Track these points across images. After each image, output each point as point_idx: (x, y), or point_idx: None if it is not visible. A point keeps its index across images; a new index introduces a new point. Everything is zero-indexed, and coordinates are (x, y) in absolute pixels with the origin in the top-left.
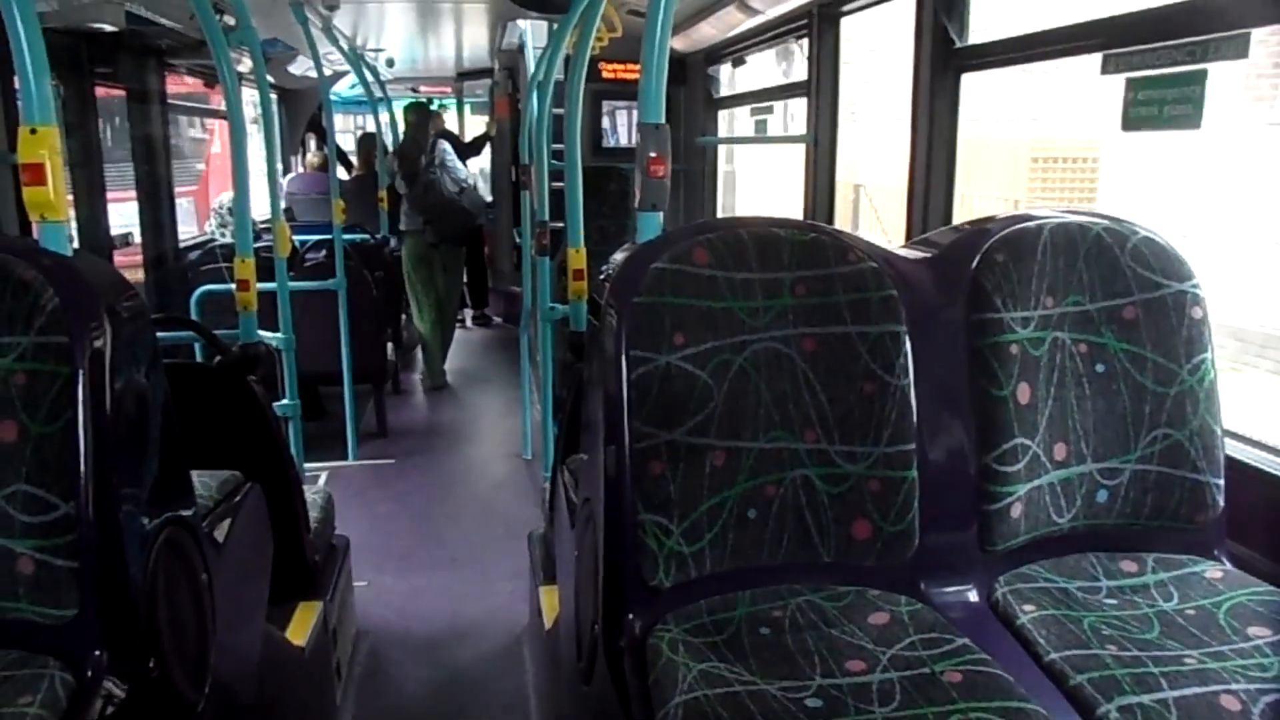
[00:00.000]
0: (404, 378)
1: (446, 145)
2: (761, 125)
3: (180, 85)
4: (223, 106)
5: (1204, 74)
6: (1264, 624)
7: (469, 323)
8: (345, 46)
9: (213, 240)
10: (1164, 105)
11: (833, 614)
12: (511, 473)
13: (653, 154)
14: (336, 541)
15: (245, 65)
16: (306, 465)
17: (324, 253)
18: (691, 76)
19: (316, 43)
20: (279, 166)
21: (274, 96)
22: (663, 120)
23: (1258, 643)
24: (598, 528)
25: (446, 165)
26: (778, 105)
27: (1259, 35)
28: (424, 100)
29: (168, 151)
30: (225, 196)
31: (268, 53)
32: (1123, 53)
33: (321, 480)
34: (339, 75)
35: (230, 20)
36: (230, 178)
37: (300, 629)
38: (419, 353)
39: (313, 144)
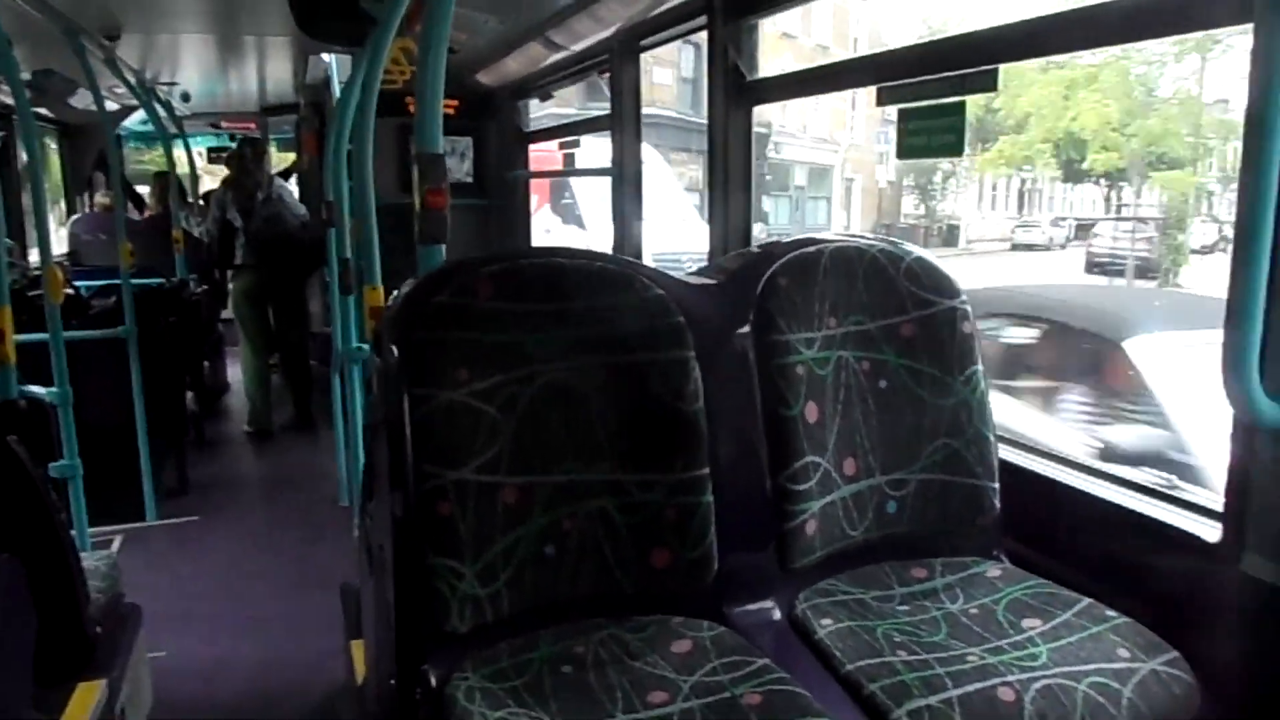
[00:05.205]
0: (215, 427)
1: (281, 180)
2: (570, 159)
3: None
4: None
5: (963, 105)
6: (1036, 615)
7: None
8: (132, 79)
9: None
10: (931, 135)
11: (636, 646)
12: (328, 521)
13: (430, 186)
14: (125, 611)
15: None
16: (98, 529)
17: (113, 299)
18: (501, 110)
19: (98, 75)
20: (47, 207)
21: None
22: (439, 150)
23: (1030, 634)
24: (387, 575)
25: (285, 200)
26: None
27: None
28: (256, 135)
29: None
30: None
31: (43, 84)
32: (893, 85)
33: (115, 545)
34: (130, 109)
35: None
36: None
37: (79, 712)
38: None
39: (103, 182)
